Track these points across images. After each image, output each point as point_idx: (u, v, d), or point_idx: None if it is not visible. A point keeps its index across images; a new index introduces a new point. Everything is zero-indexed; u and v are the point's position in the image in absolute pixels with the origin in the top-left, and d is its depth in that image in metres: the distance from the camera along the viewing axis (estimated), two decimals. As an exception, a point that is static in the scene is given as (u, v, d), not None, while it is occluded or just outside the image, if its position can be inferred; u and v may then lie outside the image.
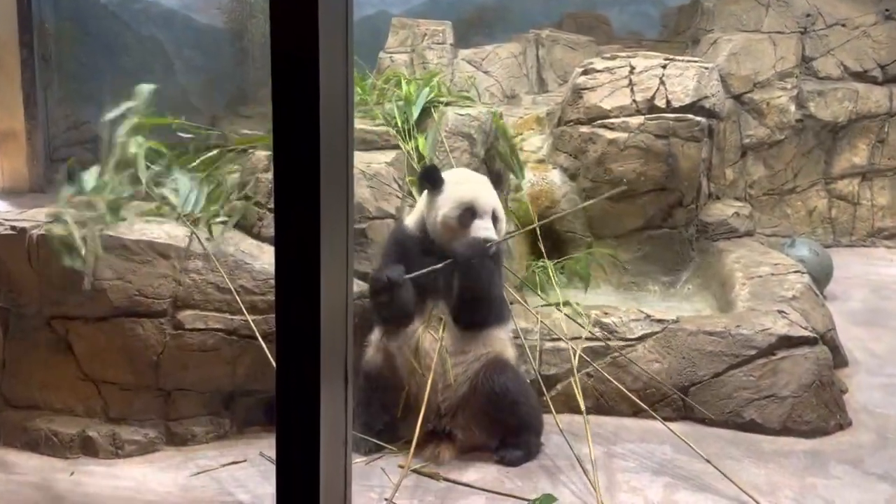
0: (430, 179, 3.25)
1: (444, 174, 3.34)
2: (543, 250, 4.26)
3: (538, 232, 4.17)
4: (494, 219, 3.21)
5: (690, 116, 4.68)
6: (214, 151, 3.66)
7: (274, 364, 2.90)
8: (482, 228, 3.15)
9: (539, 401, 3.33)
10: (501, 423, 3.18)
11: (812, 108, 6.14)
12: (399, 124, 3.99)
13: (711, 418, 3.52)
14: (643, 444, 3.35)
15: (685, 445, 3.16)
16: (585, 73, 4.94)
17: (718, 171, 5.55)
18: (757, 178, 6.06)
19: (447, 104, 4.18)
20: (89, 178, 3.40)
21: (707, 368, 3.57)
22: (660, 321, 3.67)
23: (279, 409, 1.46)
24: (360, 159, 3.71)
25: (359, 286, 3.31)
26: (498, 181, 3.62)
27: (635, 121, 4.69)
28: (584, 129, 4.83)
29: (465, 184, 3.24)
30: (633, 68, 4.84)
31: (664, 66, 4.82)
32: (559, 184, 4.85)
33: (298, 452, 1.44)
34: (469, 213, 3.17)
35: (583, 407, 3.30)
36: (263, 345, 3.11)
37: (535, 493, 2.96)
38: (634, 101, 4.75)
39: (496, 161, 4.37)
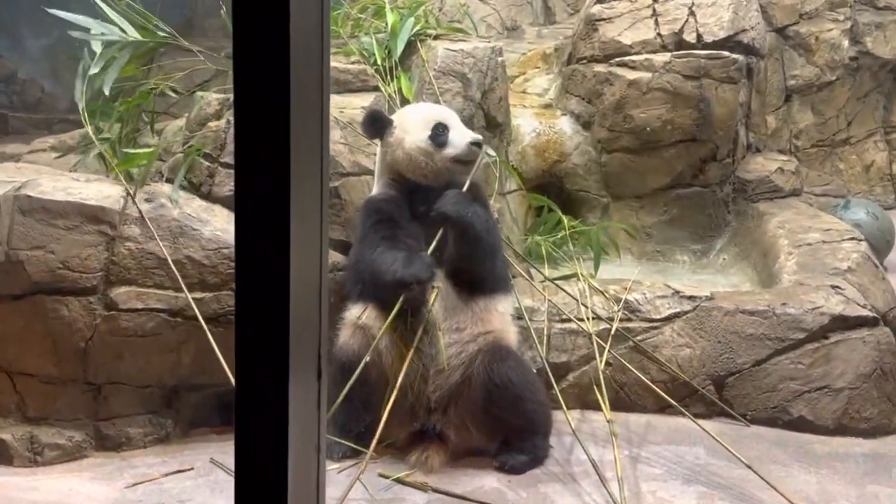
0: (376, 124, 3.30)
1: (399, 112, 3.40)
2: (560, 214, 4.25)
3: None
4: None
5: (725, 53, 4.69)
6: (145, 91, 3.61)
7: (218, 353, 2.94)
8: (462, 136, 3.22)
9: (547, 395, 3.33)
10: (502, 421, 3.18)
11: (869, 44, 6.11)
12: (378, 62, 3.98)
13: (753, 415, 3.53)
14: (671, 446, 3.35)
15: (721, 448, 3.16)
16: (601, 0, 4.91)
17: (759, 118, 5.52)
18: (804, 128, 6.04)
19: (436, 38, 4.17)
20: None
21: (747, 355, 3.58)
22: (690, 298, 3.69)
23: (238, 408, 1.42)
24: (333, 104, 3.70)
25: (333, 257, 3.31)
26: (497, 130, 3.60)
27: (660, 58, 4.70)
28: (600, 68, 4.82)
29: (417, 108, 3.34)
30: (658, -5, 4.83)
31: (695, -7, 4.81)
32: (570, 133, 4.85)
33: (261, 460, 1.41)
34: (440, 127, 3.24)
35: (606, 406, 3.29)
36: (207, 329, 3.10)
37: (544, 505, 2.95)
38: (659, 34, 4.75)
39: (495, 106, 4.33)
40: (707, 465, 3.22)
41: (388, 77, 3.92)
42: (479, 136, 3.27)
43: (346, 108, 3.70)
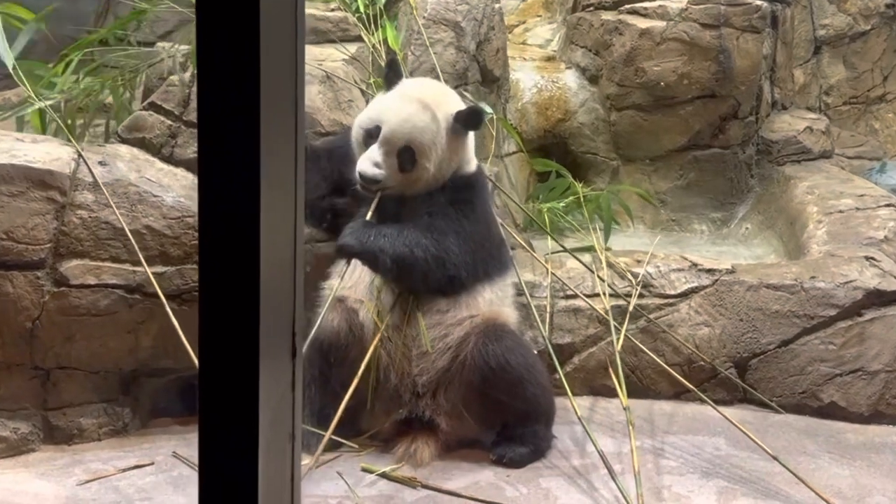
0: (391, 75, 3.29)
1: (410, 80, 3.36)
2: (571, 179, 4.22)
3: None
4: (407, 158, 3.13)
5: (748, 0, 4.70)
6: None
7: (181, 333, 2.92)
8: (367, 158, 3.12)
9: (550, 379, 3.32)
10: (499, 408, 3.17)
11: (908, -11, 6.09)
12: (361, 9, 3.97)
13: (779, 401, 3.55)
14: (689, 435, 3.35)
15: (744, 437, 3.17)
16: (609, -60, 4.96)
17: (785, 72, 5.51)
18: (835, 83, 6.02)
19: (425, -20, 4.13)
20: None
21: (772, 334, 3.59)
22: (709, 272, 3.70)
23: (203, 395, 1.40)
24: (310, 55, 3.67)
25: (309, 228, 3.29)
26: (494, 86, 3.59)
27: (675, 5, 4.72)
28: (608, 16, 4.84)
29: (404, 97, 3.21)
30: (673, -68, 4.85)
31: (714, -70, 4.82)
32: (575, 89, 4.88)
33: (228, 451, 1.40)
34: (375, 131, 3.16)
35: (622, 391, 3.27)
36: (168, 307, 3.07)
37: (546, 502, 2.94)
38: (675, -22, 4.77)
39: (492, 59, 4.30)
40: (728, 456, 3.22)
41: (372, 26, 3.91)
42: (375, 172, 3.11)
43: (325, 60, 3.69)
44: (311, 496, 2.92)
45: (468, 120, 3.19)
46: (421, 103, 3.18)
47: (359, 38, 3.87)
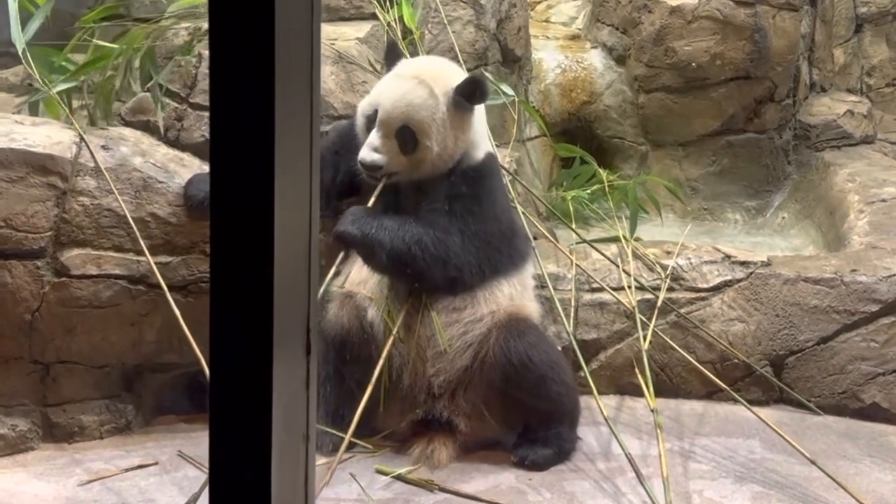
0: (390, 59, 3.32)
1: (410, 60, 3.36)
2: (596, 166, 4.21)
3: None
4: (406, 139, 3.13)
5: None
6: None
7: (185, 327, 2.93)
8: (367, 145, 3.13)
9: (574, 377, 3.32)
10: (521, 407, 3.18)
11: (956, -36, 6.04)
12: None
13: (817, 402, 3.54)
14: (722, 437, 3.35)
15: (780, 440, 3.16)
16: (638, -90, 4.93)
17: (824, 52, 5.49)
18: (877, 63, 5.97)
19: (443, -45, 4.12)
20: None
21: (810, 331, 3.58)
22: (743, 264, 3.69)
23: (213, 391, 1.41)
24: (323, 34, 3.61)
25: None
26: (515, 66, 3.59)
27: None
28: None
29: (398, 77, 3.21)
30: None
31: None
32: (601, 70, 4.87)
33: (240, 453, 1.40)
34: (371, 119, 3.17)
35: (649, 391, 3.26)
36: (171, 299, 3.08)
37: (571, 506, 2.95)
38: (708, -49, 4.75)
39: (513, 37, 4.29)
40: (763, 460, 3.22)
41: (387, 3, 3.91)
42: (375, 159, 3.11)
43: (338, 38, 3.69)
44: (324, 499, 2.92)
45: (469, 92, 3.15)
46: (417, 80, 3.17)
47: (373, 16, 3.87)
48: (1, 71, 4.50)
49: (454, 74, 3.26)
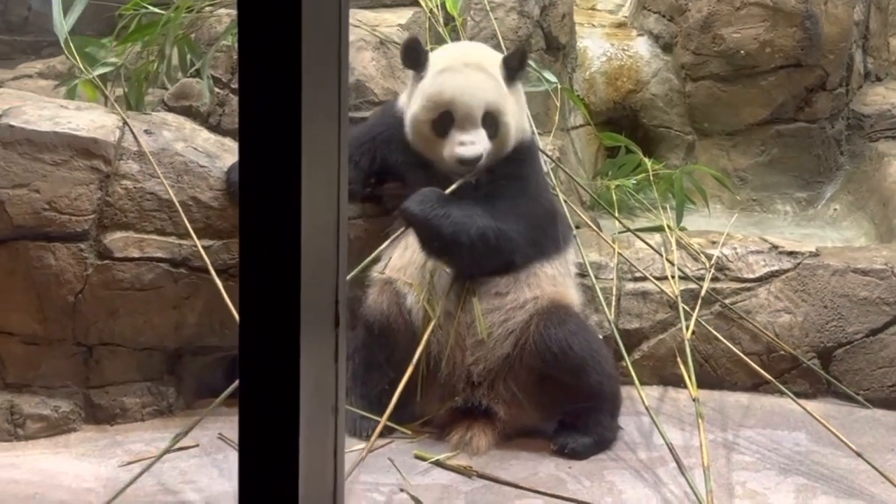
0: (411, 57, 3.25)
1: (439, 50, 3.33)
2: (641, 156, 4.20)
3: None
4: (490, 124, 3.16)
5: None
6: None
7: (232, 308, 2.96)
8: (459, 144, 3.12)
9: (616, 367, 3.31)
10: (561, 396, 3.18)
11: None
12: None
13: (866, 395, 3.51)
14: (767, 430, 3.33)
15: (827, 433, 3.15)
16: None
17: (879, 40, 5.41)
18: (935, 51, 5.92)
19: (486, -60, 4.12)
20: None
21: (859, 323, 3.56)
22: (791, 254, 3.66)
23: (242, 368, 1.42)
24: (365, 20, 3.68)
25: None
26: (560, 54, 3.58)
27: None
28: None
29: (450, 71, 3.20)
30: None
31: None
32: (647, 57, 4.85)
33: (269, 425, 1.42)
34: (446, 117, 3.15)
35: (691, 381, 3.24)
36: (218, 281, 3.10)
37: (610, 496, 2.93)
38: (758, -65, 4.71)
39: (557, 25, 4.28)
40: (809, 452, 3.20)
41: (430, -11, 3.90)
42: (478, 152, 3.12)
43: (380, 25, 3.69)
44: (362, 483, 2.94)
45: (517, 63, 3.25)
46: (472, 67, 3.21)
47: (415, 3, 3.86)
48: (49, 59, 4.57)
49: (491, 53, 3.35)
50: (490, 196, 3.17)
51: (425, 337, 3.13)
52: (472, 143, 3.12)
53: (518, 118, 3.26)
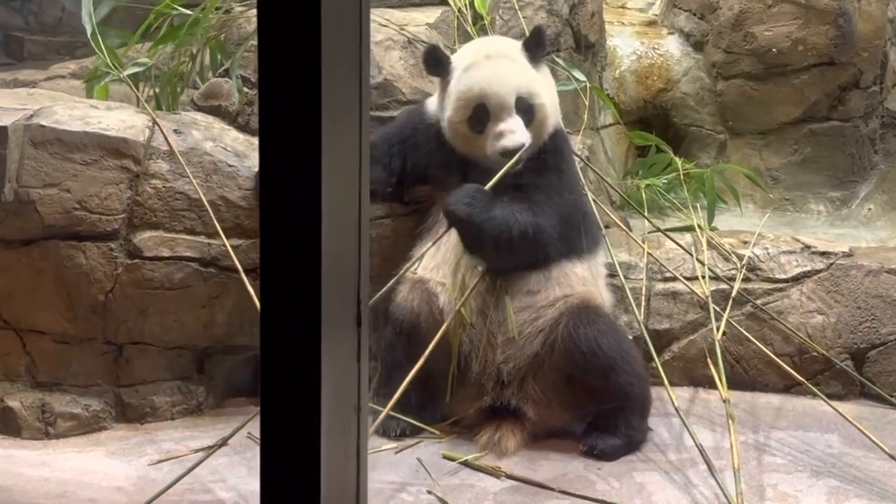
0: (433, 65, 3.26)
1: (458, 51, 3.35)
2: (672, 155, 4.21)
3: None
4: (525, 109, 3.15)
5: None
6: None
7: (260, 307, 2.96)
8: (502, 135, 3.12)
9: (646, 367, 3.29)
10: (590, 396, 3.17)
11: None
12: None
13: None
14: (799, 431, 3.31)
15: (860, 435, 3.13)
16: None
17: (914, 38, 5.35)
18: (971, 49, 5.87)
19: (515, -62, 4.12)
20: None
21: (893, 324, 3.54)
22: (824, 255, 3.64)
23: (264, 368, 1.44)
24: (393, 19, 3.69)
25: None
26: (589, 52, 3.57)
27: None
28: None
29: (474, 67, 3.20)
30: None
31: None
32: (678, 56, 4.86)
33: (290, 424, 1.43)
34: (481, 112, 3.15)
35: (722, 382, 3.21)
36: (246, 280, 3.11)
37: (640, 498, 2.91)
38: (790, -68, 4.73)
39: (587, 23, 4.26)
40: (842, 454, 3.16)
41: (459, -12, 3.91)
42: (522, 140, 3.11)
43: (408, 24, 3.69)
44: (390, 483, 2.94)
45: (536, 42, 3.25)
46: (494, 58, 3.21)
47: (443, 2, 3.87)
48: (82, 60, 4.61)
49: (510, 42, 3.36)
50: (527, 189, 3.16)
51: (457, 338, 3.13)
52: (512, 133, 3.12)
53: (552, 98, 3.26)
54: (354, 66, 1.47)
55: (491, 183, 3.11)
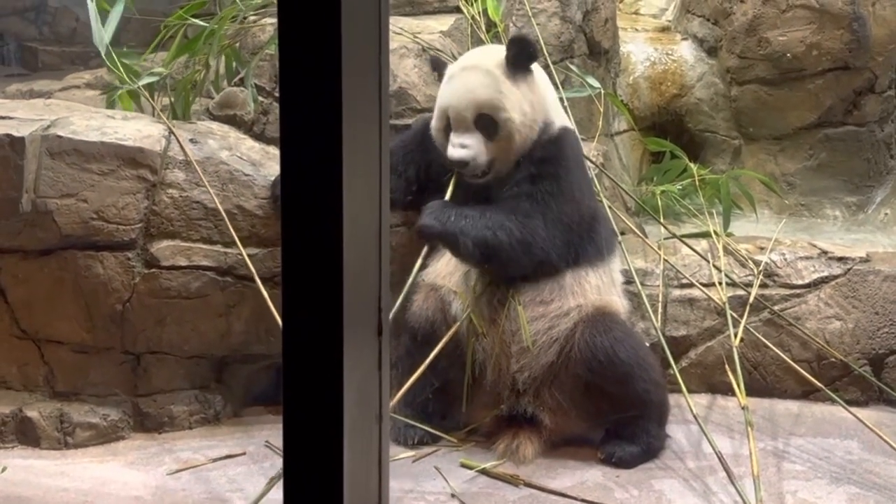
0: (438, 74, 3.31)
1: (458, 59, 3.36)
2: (687, 160, 4.19)
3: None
4: (486, 125, 3.12)
5: None
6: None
7: (277, 316, 2.96)
8: (452, 147, 3.13)
9: (663, 374, 3.29)
10: (608, 404, 3.16)
11: None
12: None
13: None
14: (818, 438, 3.31)
15: (880, 441, 3.12)
16: None
17: (929, 42, 5.34)
18: None
19: (528, -54, 4.14)
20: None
21: None
22: (841, 260, 3.64)
23: (285, 377, 1.46)
24: (407, 27, 3.70)
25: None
26: (603, 59, 3.56)
27: None
28: None
29: (451, 78, 3.22)
30: None
31: None
32: (692, 62, 4.86)
33: (312, 433, 1.45)
34: (447, 123, 3.17)
35: (740, 389, 3.20)
36: (263, 289, 3.12)
37: (659, 504, 2.92)
38: (803, -63, 4.73)
39: (600, 29, 4.26)
40: (861, 461, 3.16)
41: (472, -4, 3.92)
42: (468, 155, 3.10)
43: (422, 32, 3.70)
44: (409, 491, 2.94)
45: (516, 52, 3.15)
46: (467, 70, 3.19)
47: (457, 10, 3.88)
48: (97, 70, 4.63)
49: (495, 52, 3.26)
50: (517, 198, 3.13)
51: (470, 346, 3.13)
52: (461, 147, 3.11)
53: (526, 111, 3.15)
54: (374, 75, 1.47)
55: (447, 195, 3.15)
